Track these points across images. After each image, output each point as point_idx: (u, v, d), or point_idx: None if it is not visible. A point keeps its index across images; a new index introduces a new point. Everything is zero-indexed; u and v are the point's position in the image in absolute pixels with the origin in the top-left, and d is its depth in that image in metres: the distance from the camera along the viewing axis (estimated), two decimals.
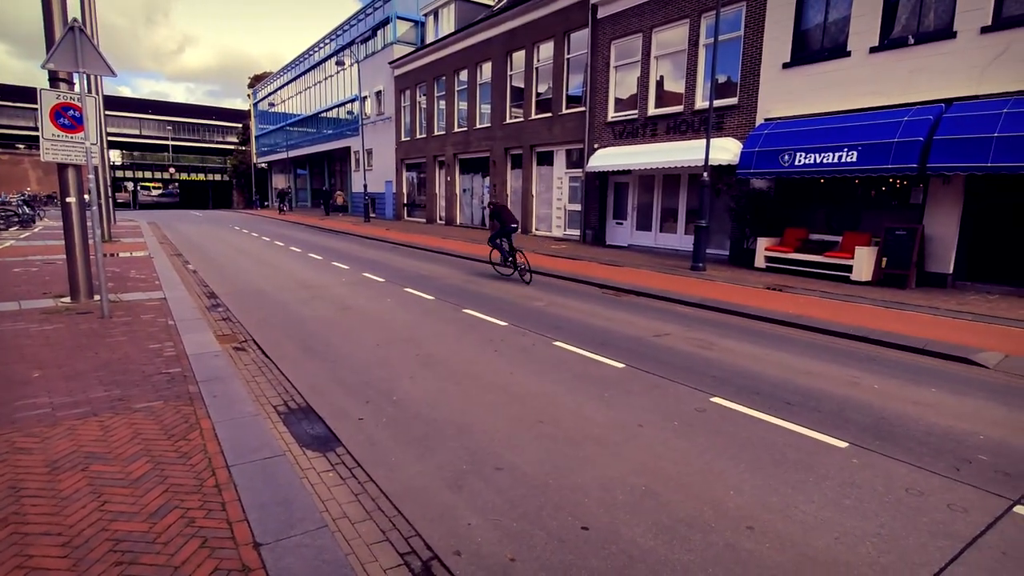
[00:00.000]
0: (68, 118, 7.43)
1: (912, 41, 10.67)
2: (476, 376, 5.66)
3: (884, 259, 10.84)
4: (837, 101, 11.75)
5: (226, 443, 3.85)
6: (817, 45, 12.22)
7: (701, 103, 14.75)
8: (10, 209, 22.51)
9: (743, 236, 13.68)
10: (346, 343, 6.82)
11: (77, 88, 8.08)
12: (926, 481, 3.77)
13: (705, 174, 12.39)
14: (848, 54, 11.54)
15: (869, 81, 11.26)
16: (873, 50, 11.21)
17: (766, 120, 13.03)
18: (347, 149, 37.50)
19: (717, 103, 13.76)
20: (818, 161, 11.31)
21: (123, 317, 7.37)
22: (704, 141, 12.87)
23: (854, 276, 11.02)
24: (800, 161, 11.64)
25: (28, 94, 63.98)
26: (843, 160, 10.92)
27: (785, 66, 12.61)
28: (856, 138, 10.86)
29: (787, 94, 12.65)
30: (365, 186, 30.20)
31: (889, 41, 11.06)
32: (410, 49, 30.41)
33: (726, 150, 13.58)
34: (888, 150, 10.32)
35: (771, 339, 7.40)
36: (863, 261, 10.98)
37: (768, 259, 12.72)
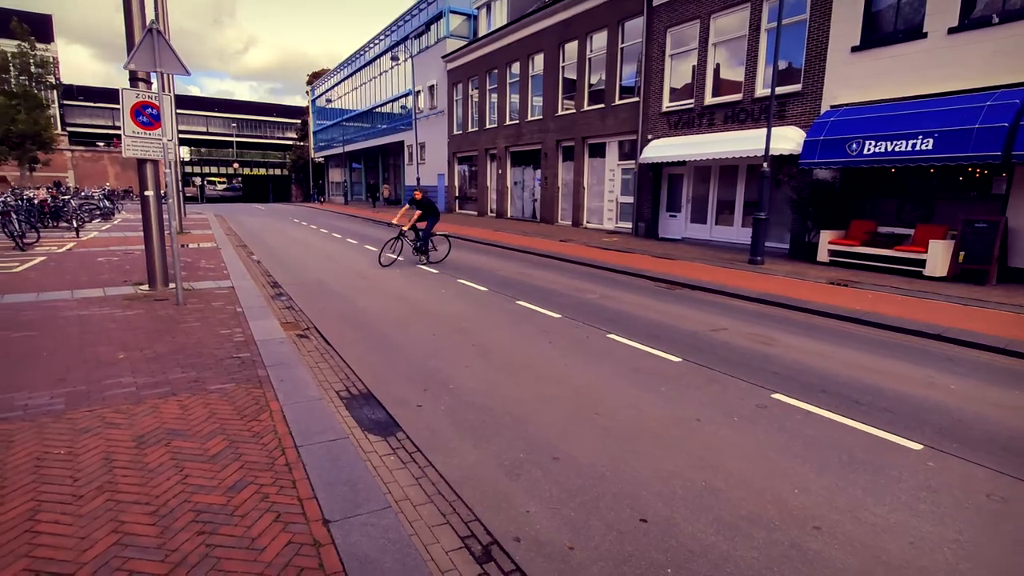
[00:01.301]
0: (147, 116, 7.89)
1: (996, 20, 9.94)
2: (530, 367, 5.69)
3: (961, 253, 10.19)
4: (911, 86, 11.09)
5: (294, 425, 4.02)
6: (890, 27, 11.56)
7: (762, 91, 14.23)
8: (93, 203, 24.09)
9: (805, 229, 13.16)
10: (403, 333, 6.98)
11: (154, 87, 8.57)
12: (1010, 487, 3.55)
13: (765, 164, 11.97)
14: (924, 35, 10.87)
15: (947, 64, 10.57)
16: (952, 31, 10.51)
17: (832, 107, 12.44)
18: (400, 143, 38.18)
19: (779, 90, 13.24)
20: (889, 149, 10.73)
21: (196, 304, 7.79)
22: (764, 130, 12.41)
23: (927, 271, 10.42)
24: (869, 150, 11.07)
25: (107, 95, 68.21)
26: (917, 148, 10.31)
27: (854, 50, 12.00)
28: (932, 124, 10.24)
29: (855, 79, 12.04)
30: (418, 179, 30.67)
31: (970, 21, 10.34)
32: (463, 43, 30.61)
33: (788, 139, 13.05)
34: (968, 137, 9.68)
35: (837, 336, 7.11)
36: (938, 255, 10.37)
37: (832, 253, 12.19)
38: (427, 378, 5.32)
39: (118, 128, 53.26)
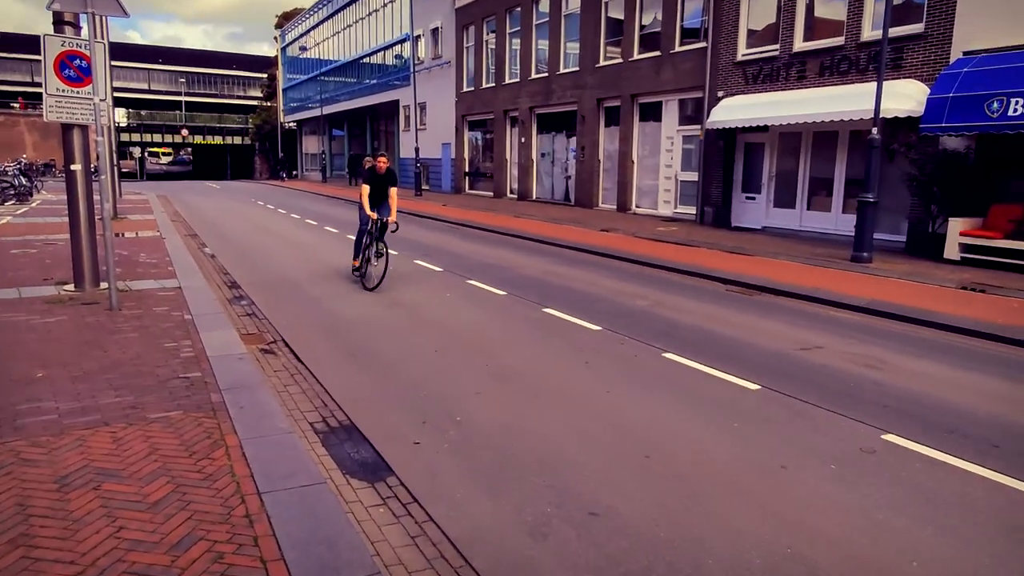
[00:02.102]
0: (74, 69, 8.08)
1: None
2: (561, 394, 5.69)
3: None
4: None
5: (256, 465, 4.07)
6: None
7: (870, 33, 14.07)
8: (5, 180, 24.53)
9: (927, 216, 12.96)
10: (397, 348, 7.04)
11: (85, 33, 8.78)
12: None
13: (874, 130, 11.82)
14: None
15: None
16: None
17: (965, 54, 12.25)
18: (395, 103, 38.57)
19: (894, 31, 13.06)
20: None
21: (134, 309, 7.94)
22: (872, 85, 12.25)
23: None
24: (1016, 110, 10.86)
25: (25, 44, 69.98)
26: None
27: None
28: None
29: (997, 16, 11.82)
30: (417, 150, 30.98)
31: None
32: None
33: (905, 97, 12.86)
34: None
35: (970, 359, 6.98)
36: None
37: (964, 248, 11.99)
38: (427, 407, 5.35)
39: (38, 85, 54.63)
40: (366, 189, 9.96)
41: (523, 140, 27.11)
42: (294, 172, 58.72)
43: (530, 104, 26.42)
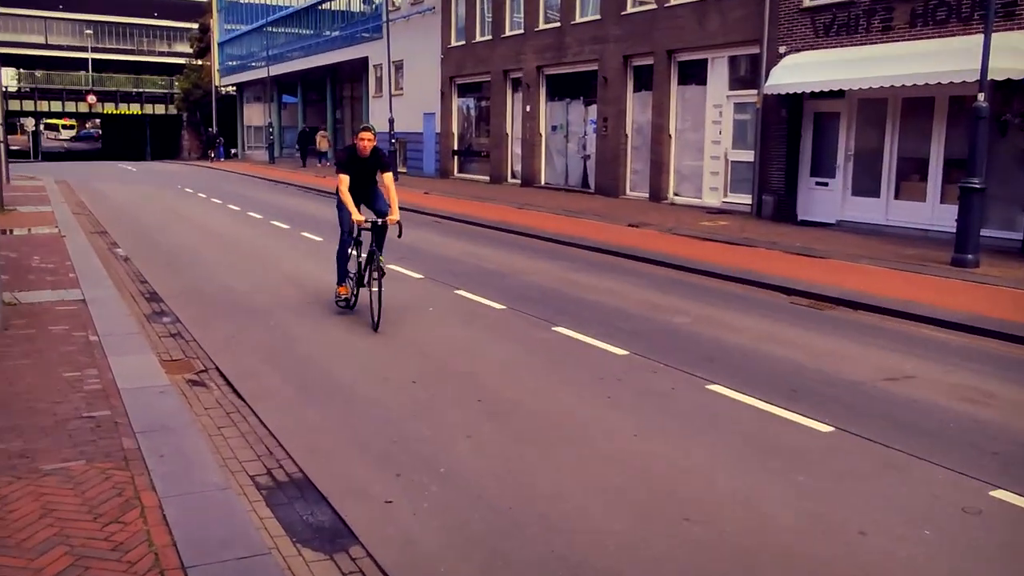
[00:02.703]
0: None
1: None
2: (576, 438, 5.68)
3: None
4: None
5: (180, 531, 4.07)
6: None
7: None
8: None
9: None
10: (365, 378, 7.03)
11: None
12: None
13: (980, 96, 11.84)
14: None
15: None
16: None
17: None
18: (363, 62, 38.77)
19: None
20: None
21: (24, 329, 7.95)
22: (978, 38, 12.28)
23: None
24: None
25: None
26: None
27: None
28: None
29: None
30: (391, 122, 31.06)
31: None
32: None
33: (1019, 54, 12.88)
34: None
35: None
36: None
37: None
38: (403, 454, 5.35)
39: None
40: (346, 180, 8.81)
41: (528, 109, 27.20)
42: (232, 151, 58.87)
43: (538, 62, 26.53)
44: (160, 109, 74.38)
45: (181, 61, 76.39)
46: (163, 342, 8.13)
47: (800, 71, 16.69)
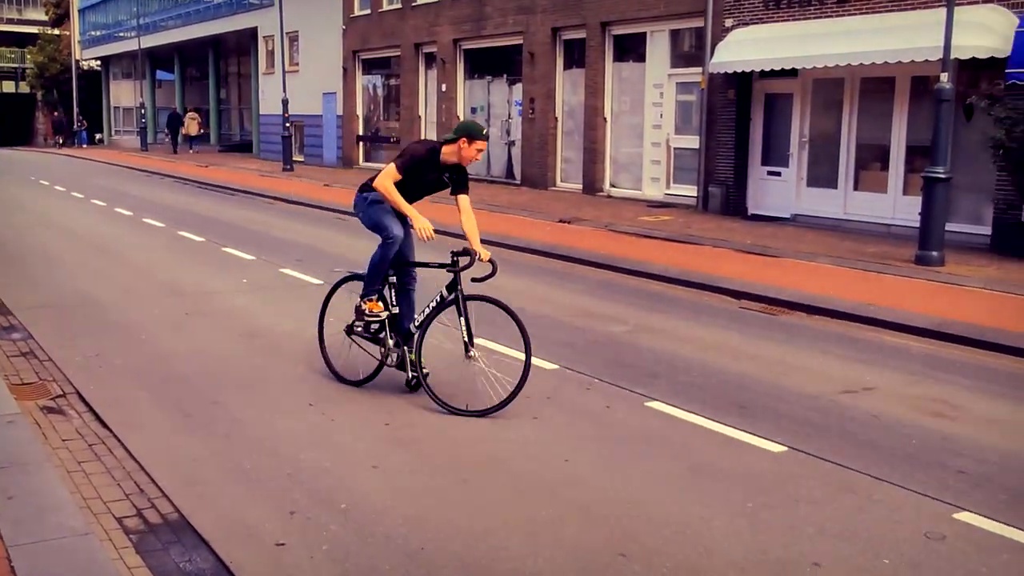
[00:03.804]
0: None
1: None
2: (498, 466, 5.70)
3: None
4: None
5: None
6: None
7: None
8: None
9: (1020, 198, 13.47)
10: (253, 400, 6.94)
11: None
12: None
13: (943, 76, 12.25)
14: None
15: None
16: None
17: None
18: (251, 33, 38.23)
19: None
20: None
21: None
22: (940, 12, 12.71)
23: None
24: None
25: None
26: None
27: None
28: None
29: None
30: (285, 103, 30.67)
31: None
32: None
33: (986, 29, 13.39)
34: None
35: None
36: None
37: None
38: (299, 489, 5.29)
39: None
40: (396, 178, 7.03)
41: (444, 89, 27.18)
42: (97, 136, 57.45)
43: (454, 35, 26.56)
44: (9, 87, 72.04)
45: (34, 30, 73.89)
46: (12, 362, 7.89)
47: (749, 47, 17.02)
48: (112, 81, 58.18)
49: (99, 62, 58.60)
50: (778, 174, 18.02)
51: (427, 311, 7.16)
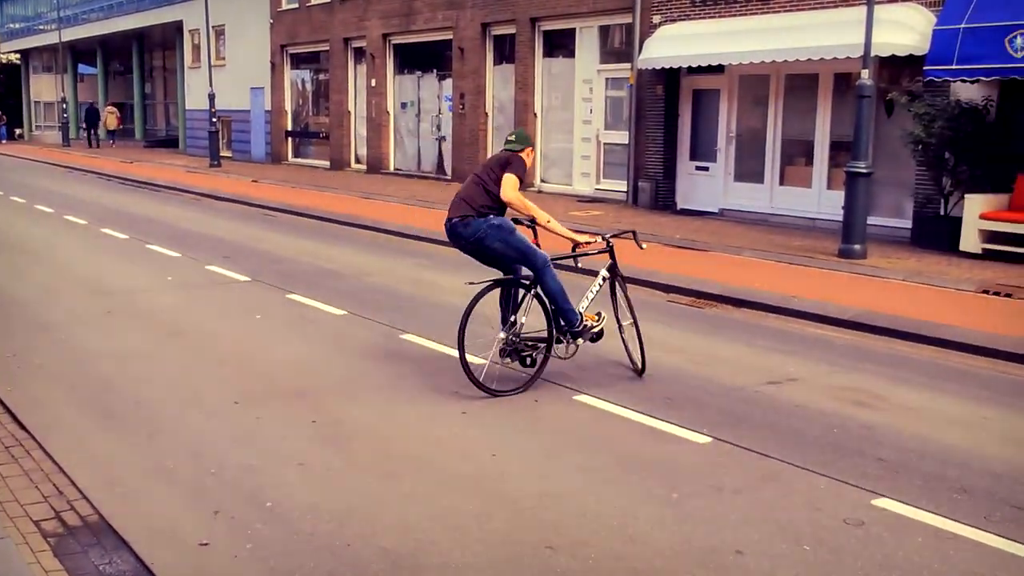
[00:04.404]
0: None
1: None
2: (425, 461, 5.69)
3: None
4: None
5: None
6: None
7: None
8: None
9: (939, 192, 13.82)
10: (178, 400, 6.84)
11: None
12: None
13: (864, 73, 12.51)
14: None
15: None
16: None
17: None
18: (176, 27, 37.58)
19: None
20: None
21: None
22: (861, 10, 12.97)
23: None
24: None
25: None
26: None
27: None
28: None
29: None
30: (211, 98, 30.22)
31: None
32: None
33: (906, 27, 13.70)
34: None
35: (989, 388, 7.50)
36: None
37: (987, 235, 12.90)
38: (222, 488, 5.23)
39: None
40: (517, 184, 7.02)
41: (374, 84, 27.02)
42: (17, 131, 56.04)
43: (384, 30, 26.41)
44: None
45: None
46: None
47: (676, 44, 17.19)
48: (32, 75, 56.76)
49: (18, 55, 57.15)
50: (706, 169, 18.25)
51: (592, 295, 7.52)
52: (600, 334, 7.38)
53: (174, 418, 6.47)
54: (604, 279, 7.57)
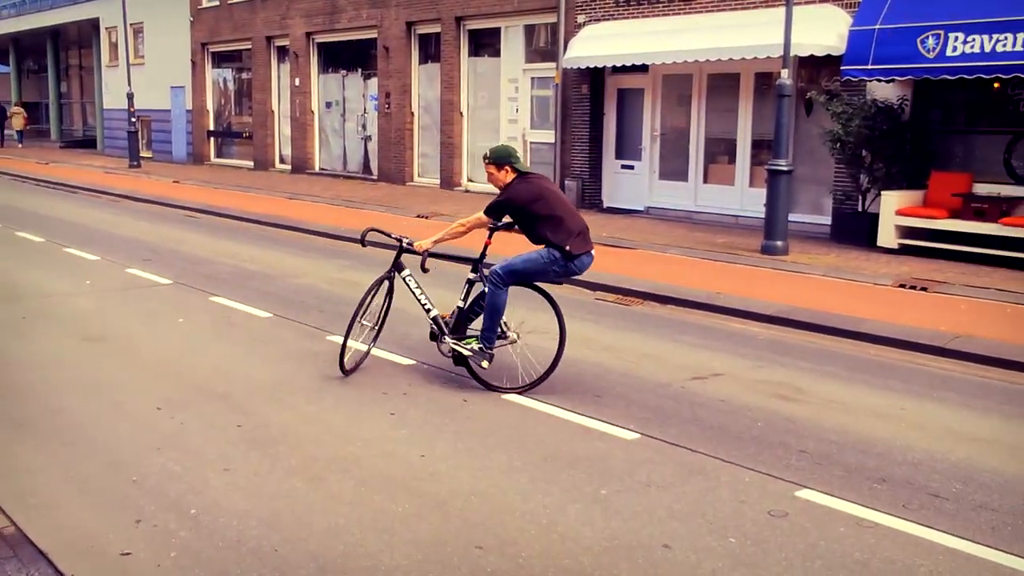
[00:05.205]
0: None
1: None
2: (353, 463, 5.67)
3: None
4: None
5: None
6: None
7: None
8: None
9: (856, 189, 14.15)
10: (97, 407, 6.72)
11: None
12: None
13: (784, 72, 12.76)
14: None
15: None
16: None
17: None
18: (93, 25, 36.80)
19: None
20: (989, 49, 11.82)
21: None
22: (782, 11, 13.20)
23: None
24: (956, 49, 12.12)
25: None
26: None
27: None
28: None
29: None
30: (130, 97, 29.62)
31: None
32: None
33: (824, 28, 14.00)
34: None
35: (907, 380, 7.71)
36: None
37: (903, 231, 13.24)
38: (144, 496, 5.14)
39: None
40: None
41: (298, 83, 26.76)
42: None
43: (307, 28, 26.17)
44: None
45: None
46: None
47: (600, 43, 17.33)
48: None
49: None
50: (631, 168, 18.42)
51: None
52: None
53: (94, 426, 6.34)
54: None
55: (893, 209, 13.27)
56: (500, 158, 7.29)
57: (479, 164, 21.84)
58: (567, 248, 6.94)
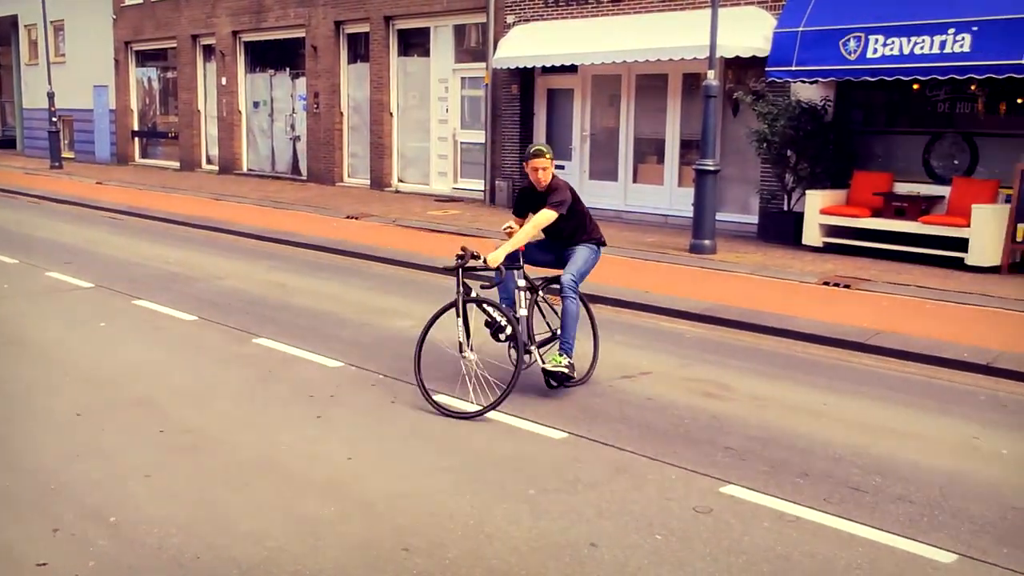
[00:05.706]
0: None
1: None
2: (279, 467, 5.62)
3: (1020, 227, 11.78)
4: None
5: None
6: None
7: None
8: None
9: (783, 188, 14.39)
10: (13, 414, 6.58)
11: None
12: None
13: (710, 73, 12.92)
14: None
15: None
16: None
17: None
18: (12, 22, 35.94)
19: None
20: (907, 52, 12.13)
21: None
22: (708, 13, 13.38)
23: (970, 258, 11.94)
24: (876, 52, 12.41)
25: None
26: (949, 50, 11.77)
27: None
28: (974, 10, 11.72)
29: None
30: (51, 96, 28.99)
31: None
32: None
33: (750, 29, 14.21)
34: None
35: (831, 376, 7.87)
36: (984, 230, 11.90)
37: (826, 229, 13.50)
38: (61, 504, 5.04)
39: None
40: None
41: (224, 82, 26.43)
42: None
43: (233, 27, 25.85)
44: None
45: None
46: None
47: (529, 43, 17.38)
48: None
49: None
50: (562, 168, 18.40)
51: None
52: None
53: (11, 433, 6.19)
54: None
55: (817, 208, 13.52)
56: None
57: (409, 164, 21.96)
58: (603, 240, 7.80)
